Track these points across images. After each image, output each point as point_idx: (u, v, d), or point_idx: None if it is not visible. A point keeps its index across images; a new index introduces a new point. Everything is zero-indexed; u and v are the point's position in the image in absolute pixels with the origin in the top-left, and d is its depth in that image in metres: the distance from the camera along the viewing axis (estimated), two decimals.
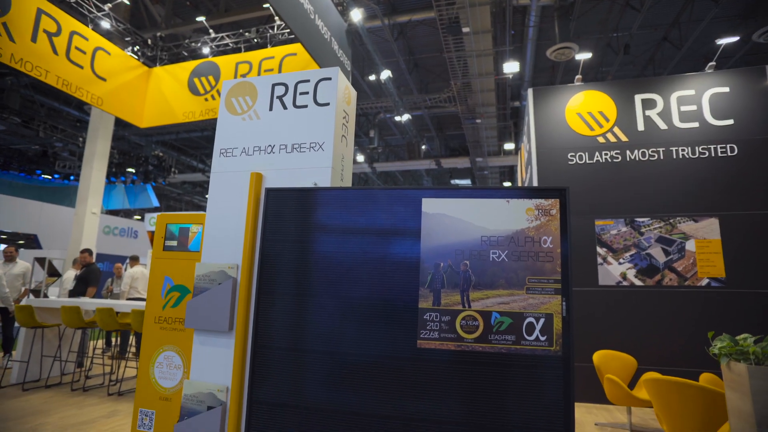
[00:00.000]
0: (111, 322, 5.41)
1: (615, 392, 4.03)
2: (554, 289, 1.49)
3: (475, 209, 1.58)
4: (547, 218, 1.55)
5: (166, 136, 15.31)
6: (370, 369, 1.56)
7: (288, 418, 1.62)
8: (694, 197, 5.47)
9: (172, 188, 20.89)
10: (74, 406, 4.75)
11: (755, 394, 2.49)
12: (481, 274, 1.53)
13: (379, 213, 1.66)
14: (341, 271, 1.65)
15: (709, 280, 5.24)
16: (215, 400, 1.75)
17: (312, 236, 1.72)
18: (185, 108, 7.55)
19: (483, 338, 1.49)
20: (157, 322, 2.12)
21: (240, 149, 2.08)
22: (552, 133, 6.10)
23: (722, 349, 2.79)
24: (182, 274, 2.12)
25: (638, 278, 5.48)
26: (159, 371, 2.06)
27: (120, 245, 16.15)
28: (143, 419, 2.05)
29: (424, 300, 1.56)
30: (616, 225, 5.65)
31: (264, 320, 1.70)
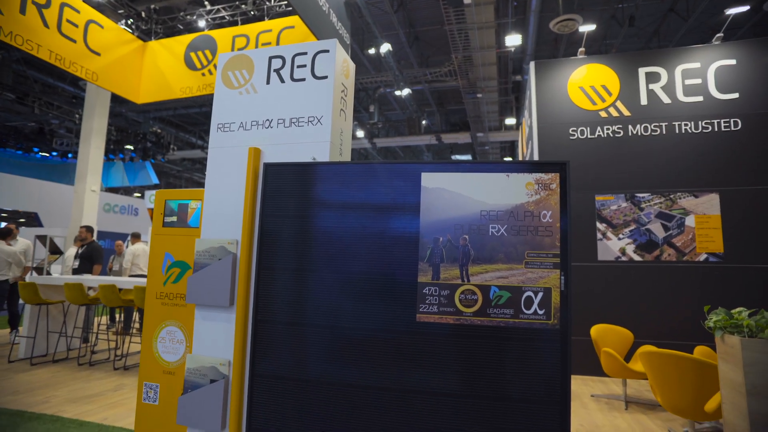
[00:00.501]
0: (114, 298, 5.47)
1: (611, 365, 4.11)
2: (553, 264, 1.49)
3: (474, 184, 1.57)
4: (546, 193, 1.54)
5: (164, 112, 15.13)
6: (370, 342, 1.59)
7: (289, 391, 1.66)
8: (695, 172, 5.44)
9: (171, 165, 20.79)
10: (81, 380, 4.85)
11: (747, 366, 2.54)
12: (481, 248, 1.53)
13: (378, 187, 1.65)
14: (341, 246, 1.65)
15: (708, 256, 5.27)
16: (218, 373, 1.78)
17: (311, 211, 1.71)
18: (182, 83, 7.43)
19: (482, 312, 1.51)
20: (159, 297, 2.14)
21: (238, 124, 2.05)
22: (554, 107, 6.02)
23: (717, 323, 2.83)
24: (182, 250, 2.13)
25: (637, 253, 5.51)
26: (162, 346, 2.09)
27: (120, 223, 16.18)
28: (148, 392, 2.09)
29: (424, 274, 1.57)
30: (617, 200, 5.64)
31: (264, 295, 1.72)
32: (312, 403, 1.63)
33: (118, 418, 3.75)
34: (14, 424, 3.55)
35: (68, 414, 3.78)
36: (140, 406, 2.09)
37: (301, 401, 1.64)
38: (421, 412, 1.53)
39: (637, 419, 3.96)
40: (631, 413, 4.11)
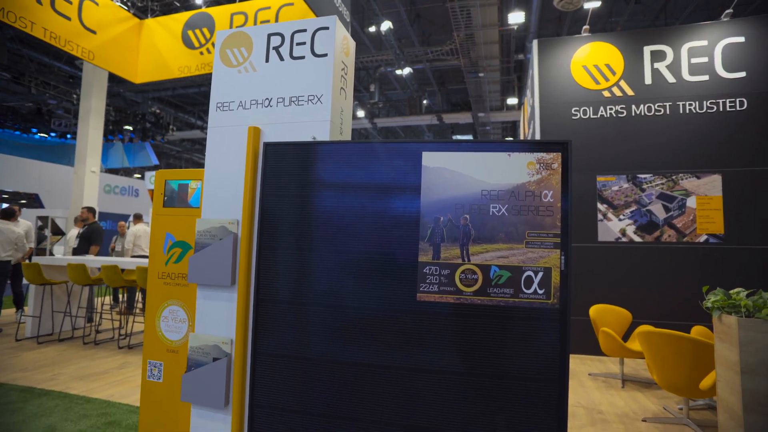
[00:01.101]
0: (116, 278, 5.52)
1: (609, 344, 4.16)
2: (553, 243, 1.49)
3: (475, 163, 1.56)
4: (548, 172, 1.53)
5: (163, 92, 14.96)
6: (371, 321, 1.60)
7: (291, 369, 1.68)
8: (698, 153, 5.40)
9: (171, 146, 20.68)
10: (87, 358, 4.93)
11: (743, 344, 2.58)
12: (481, 228, 1.53)
13: (379, 167, 1.64)
14: (341, 226, 1.65)
15: (708, 237, 5.28)
16: (220, 351, 1.80)
17: (312, 191, 1.71)
18: (180, 62, 7.31)
19: (482, 291, 1.52)
20: (161, 277, 2.15)
21: (237, 103, 2.03)
22: (556, 86, 5.94)
23: (715, 303, 2.86)
24: (183, 230, 2.13)
25: (637, 234, 5.51)
26: (165, 325, 2.12)
27: (121, 204, 16.20)
28: (152, 370, 2.12)
29: (424, 254, 1.57)
30: (618, 181, 5.62)
31: (265, 274, 1.73)
32: (314, 381, 1.65)
33: (123, 395, 3.82)
34: (24, 399, 3.63)
35: (75, 391, 3.86)
36: (145, 384, 2.13)
37: (302, 379, 1.67)
38: (422, 390, 1.55)
39: (633, 397, 4.03)
40: (627, 391, 4.18)
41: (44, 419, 3.25)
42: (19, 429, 3.09)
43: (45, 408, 3.45)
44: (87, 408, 3.47)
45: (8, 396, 3.72)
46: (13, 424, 3.16)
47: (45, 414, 3.34)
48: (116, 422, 3.22)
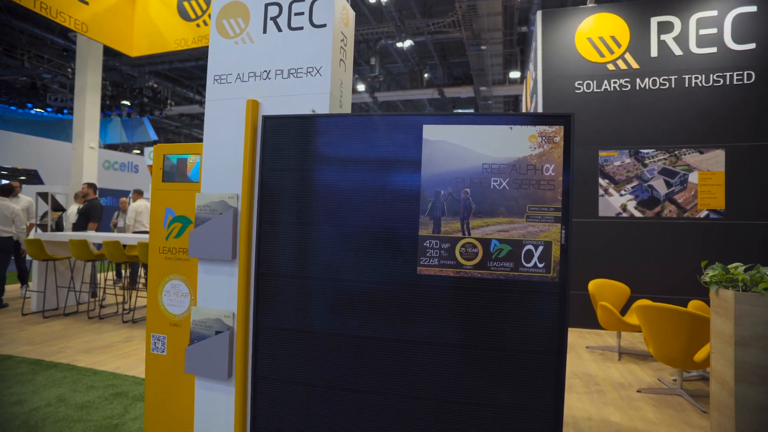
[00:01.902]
0: (119, 254, 5.55)
1: (607, 318, 4.21)
2: (554, 218, 1.49)
3: (477, 136, 1.54)
4: (550, 146, 1.51)
5: (159, 66, 14.69)
6: (371, 295, 1.62)
7: (293, 341, 1.71)
8: (702, 128, 5.34)
9: (169, 121, 20.48)
10: (92, 332, 5.02)
11: (738, 318, 2.61)
12: (482, 201, 1.53)
13: (379, 140, 1.62)
14: (342, 200, 1.65)
15: (708, 212, 5.27)
16: (222, 325, 1.83)
17: (311, 165, 1.69)
18: (176, 35, 7.15)
19: (482, 265, 1.52)
20: (162, 252, 2.16)
21: (234, 75, 1.99)
22: (560, 59, 5.83)
23: (713, 277, 2.87)
24: (183, 204, 2.13)
25: (638, 210, 5.51)
26: (167, 299, 2.14)
27: (121, 180, 16.15)
28: (156, 343, 2.16)
29: (425, 227, 1.57)
30: (620, 156, 5.58)
31: (266, 249, 1.73)
32: (315, 353, 1.68)
33: (129, 367, 3.90)
34: (34, 371, 3.71)
35: (82, 363, 3.94)
36: (149, 356, 2.17)
37: (304, 351, 1.69)
38: (422, 362, 1.58)
39: (629, 369, 4.11)
40: (623, 363, 4.26)
41: (54, 390, 3.33)
42: (31, 399, 3.17)
43: (54, 379, 3.53)
44: (94, 380, 3.55)
45: (18, 367, 3.81)
46: (25, 394, 3.24)
47: (54, 385, 3.42)
48: (123, 393, 3.30)
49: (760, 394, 2.57)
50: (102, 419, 2.88)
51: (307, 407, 1.69)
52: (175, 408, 2.10)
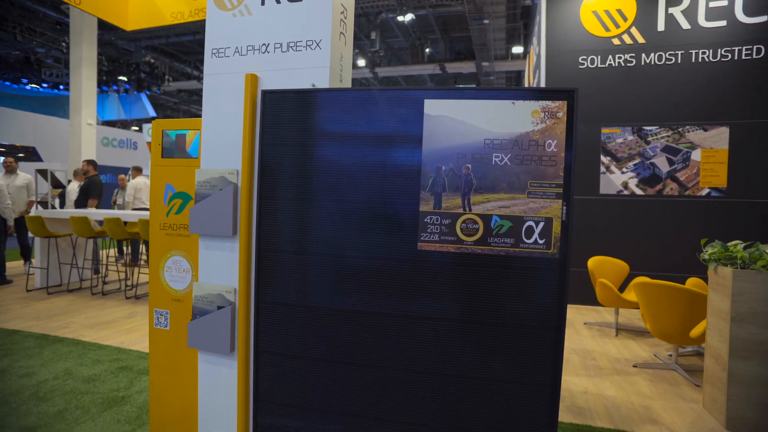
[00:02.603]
0: (120, 231, 5.57)
1: (606, 295, 4.25)
2: (555, 194, 1.48)
3: (479, 111, 1.52)
4: (553, 121, 1.50)
5: (156, 40, 14.41)
6: (371, 270, 1.62)
7: (294, 316, 1.72)
8: (707, 105, 5.27)
9: (168, 97, 20.23)
10: (96, 308, 5.08)
11: (735, 295, 2.63)
12: (483, 177, 1.52)
13: (380, 115, 1.60)
14: (342, 175, 1.64)
15: (710, 190, 5.25)
16: (224, 300, 1.84)
17: (311, 140, 1.68)
18: (173, 8, 6.99)
19: (482, 241, 1.53)
20: (163, 228, 2.16)
21: (233, 49, 1.95)
22: (564, 33, 5.70)
23: (712, 255, 2.89)
24: (183, 181, 2.12)
25: (639, 187, 5.49)
26: (169, 275, 2.15)
27: (120, 156, 16.06)
28: (159, 318, 2.18)
29: (425, 203, 1.56)
30: (623, 133, 5.53)
31: (267, 224, 1.73)
32: (316, 328, 1.70)
33: (133, 342, 3.97)
34: (40, 345, 3.77)
35: (87, 338, 4.00)
36: (152, 331, 2.19)
37: (305, 326, 1.71)
38: (422, 336, 1.60)
39: (625, 344, 4.17)
40: (620, 339, 4.33)
41: (61, 363, 3.39)
42: (39, 371, 3.23)
43: (60, 353, 3.60)
44: (100, 354, 3.61)
45: (25, 342, 3.87)
46: (33, 367, 3.31)
47: (61, 359, 3.48)
48: (128, 367, 3.36)
49: (753, 368, 2.62)
50: (108, 392, 2.94)
51: (308, 380, 1.72)
52: (179, 381, 2.14)
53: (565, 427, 2.61)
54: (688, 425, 2.68)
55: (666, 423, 2.70)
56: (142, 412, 2.66)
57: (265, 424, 1.79)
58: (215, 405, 1.92)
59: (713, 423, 2.71)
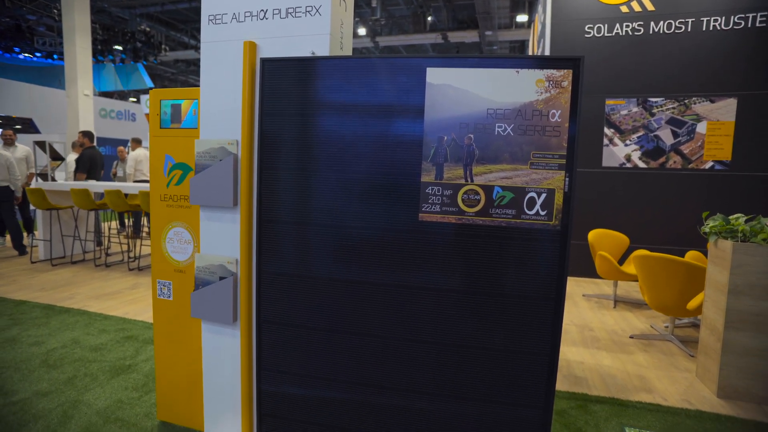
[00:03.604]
0: (120, 203, 5.57)
1: (605, 267, 4.28)
2: (558, 165, 1.47)
3: (482, 80, 1.49)
4: (557, 90, 1.46)
5: (151, 8, 14.01)
6: (372, 241, 1.63)
7: (296, 287, 1.74)
8: (715, 76, 5.16)
9: (165, 67, 19.86)
10: (100, 280, 5.14)
11: (734, 267, 2.65)
12: (485, 148, 1.50)
13: (381, 84, 1.57)
14: (343, 146, 1.62)
15: (714, 163, 5.21)
16: (226, 271, 1.86)
17: (312, 110, 1.65)
18: None
19: (484, 212, 1.52)
20: (163, 200, 2.16)
21: (230, 15, 1.89)
22: (571, 0, 5.53)
23: (713, 228, 2.89)
24: (182, 151, 2.10)
25: (642, 160, 5.45)
26: (171, 246, 2.16)
27: (118, 128, 15.90)
28: (162, 289, 2.20)
29: (427, 174, 1.55)
30: (628, 105, 5.44)
31: (267, 195, 1.73)
32: (317, 298, 1.72)
33: (137, 312, 4.03)
34: (47, 315, 3.83)
35: (93, 309, 4.06)
36: (156, 302, 2.22)
37: (306, 296, 1.73)
38: (422, 307, 1.62)
39: (623, 316, 4.23)
40: (618, 311, 4.38)
41: (68, 333, 3.46)
42: (48, 340, 3.30)
43: (67, 323, 3.66)
44: (105, 324, 3.68)
45: (33, 312, 3.93)
46: (41, 336, 3.38)
47: (68, 329, 3.55)
48: (133, 337, 3.43)
49: (745, 338, 2.66)
50: (116, 360, 3.01)
51: (310, 349, 1.76)
52: (183, 350, 2.18)
53: (562, 395, 2.68)
54: (680, 393, 2.74)
55: (659, 391, 2.76)
56: (148, 380, 2.73)
57: (269, 392, 1.84)
58: (219, 373, 1.96)
59: (705, 391, 2.78)
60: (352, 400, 1.74)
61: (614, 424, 2.37)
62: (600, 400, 2.62)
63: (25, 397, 2.50)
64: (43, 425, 2.24)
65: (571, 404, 2.57)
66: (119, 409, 2.41)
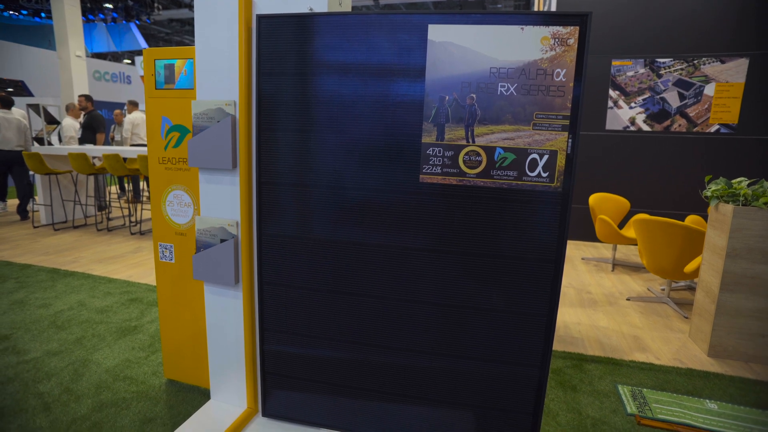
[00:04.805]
0: (119, 167, 5.54)
1: (605, 231, 4.30)
2: (561, 126, 1.44)
3: (485, 37, 1.44)
4: (563, 48, 1.42)
5: None
6: (372, 202, 1.62)
7: (297, 248, 1.75)
8: (727, 34, 4.99)
9: (159, 27, 19.25)
10: (103, 244, 5.18)
11: (733, 231, 2.66)
12: (488, 108, 1.47)
13: (381, 41, 1.51)
14: (342, 106, 1.59)
15: (720, 127, 5.13)
16: (227, 233, 1.86)
17: (310, 69, 1.60)
18: None
19: (485, 173, 1.51)
20: (161, 162, 2.14)
21: None
22: None
23: (715, 192, 2.88)
24: (179, 113, 2.06)
25: (647, 123, 5.36)
26: (171, 209, 2.16)
27: (113, 91, 15.59)
28: (164, 252, 2.22)
29: (428, 135, 1.53)
30: (634, 66, 5.30)
31: (266, 157, 1.71)
32: (318, 260, 1.73)
33: (141, 275, 4.08)
34: (53, 279, 3.89)
35: (97, 272, 4.12)
36: (158, 265, 2.24)
37: (307, 258, 1.75)
38: (422, 268, 1.64)
39: (621, 279, 4.29)
40: (616, 274, 4.44)
41: (74, 296, 3.52)
42: (54, 303, 3.36)
43: (72, 286, 3.72)
44: (110, 287, 3.74)
45: (38, 275, 3.99)
46: (48, 299, 3.44)
47: (74, 291, 3.61)
48: (138, 299, 3.49)
49: (739, 300, 2.71)
50: (121, 321, 3.07)
51: (312, 309, 1.79)
52: (187, 311, 2.22)
53: (559, 355, 2.75)
54: (673, 353, 2.82)
55: (653, 351, 2.84)
56: (154, 340, 2.80)
57: (272, 351, 1.88)
58: (223, 334, 2.01)
59: (696, 351, 2.85)
60: (353, 358, 1.79)
61: (607, 382, 2.44)
62: (595, 360, 2.69)
63: (37, 356, 2.57)
64: (56, 382, 2.31)
65: (567, 363, 2.64)
66: (127, 367, 2.48)
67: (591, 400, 2.26)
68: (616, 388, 2.38)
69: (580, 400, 2.26)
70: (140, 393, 2.25)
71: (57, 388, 2.26)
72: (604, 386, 2.40)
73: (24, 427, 1.95)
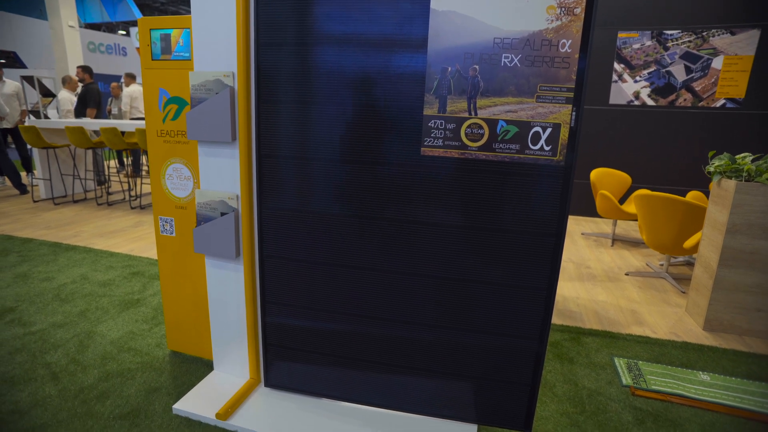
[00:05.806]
0: (118, 141, 5.49)
1: (605, 206, 4.30)
2: (566, 98, 1.42)
3: (489, 6, 1.39)
4: (569, 18, 1.38)
5: None
6: (373, 175, 1.61)
7: (297, 221, 1.75)
8: (739, 3, 4.85)
9: None
10: (103, 218, 5.19)
11: (734, 206, 2.65)
12: (491, 80, 1.44)
13: (383, 10, 1.47)
14: (342, 77, 1.56)
15: (726, 101, 5.06)
16: (227, 206, 1.86)
17: (309, 39, 1.57)
18: None
19: (487, 146, 1.49)
20: (160, 135, 2.11)
21: None
22: None
23: (718, 167, 2.86)
24: (177, 85, 2.02)
25: (651, 98, 5.28)
26: (170, 182, 2.15)
27: (109, 64, 15.31)
28: (164, 225, 2.22)
29: (430, 107, 1.50)
30: (641, 38, 5.18)
31: (266, 129, 1.69)
32: (318, 233, 1.74)
33: (142, 249, 4.11)
34: (55, 253, 3.91)
35: (98, 246, 4.14)
36: (159, 238, 2.25)
37: (308, 231, 1.75)
38: (423, 241, 1.64)
39: (620, 254, 4.31)
40: (615, 249, 4.46)
41: (76, 269, 3.55)
42: (58, 276, 3.39)
43: (75, 260, 3.74)
44: (112, 261, 3.76)
45: (40, 249, 4.01)
46: (51, 272, 3.47)
47: (76, 265, 3.63)
48: (139, 273, 3.52)
49: (737, 275, 2.73)
50: (124, 295, 3.11)
51: (313, 282, 1.80)
52: (189, 284, 2.24)
53: (557, 328, 2.79)
54: (669, 326, 2.86)
55: (649, 324, 2.88)
56: (157, 313, 2.84)
57: (273, 323, 1.91)
58: (224, 307, 2.03)
59: (692, 324, 2.89)
60: (354, 330, 1.81)
61: (604, 355, 2.49)
62: (592, 333, 2.73)
63: (42, 328, 2.61)
64: (62, 353, 2.35)
65: (565, 336, 2.68)
66: (131, 339, 2.52)
67: (587, 372, 2.31)
68: (613, 360, 2.43)
69: (577, 372, 2.31)
70: (145, 364, 2.29)
71: (64, 359, 2.30)
72: (600, 359, 2.44)
73: (34, 395, 2.00)
